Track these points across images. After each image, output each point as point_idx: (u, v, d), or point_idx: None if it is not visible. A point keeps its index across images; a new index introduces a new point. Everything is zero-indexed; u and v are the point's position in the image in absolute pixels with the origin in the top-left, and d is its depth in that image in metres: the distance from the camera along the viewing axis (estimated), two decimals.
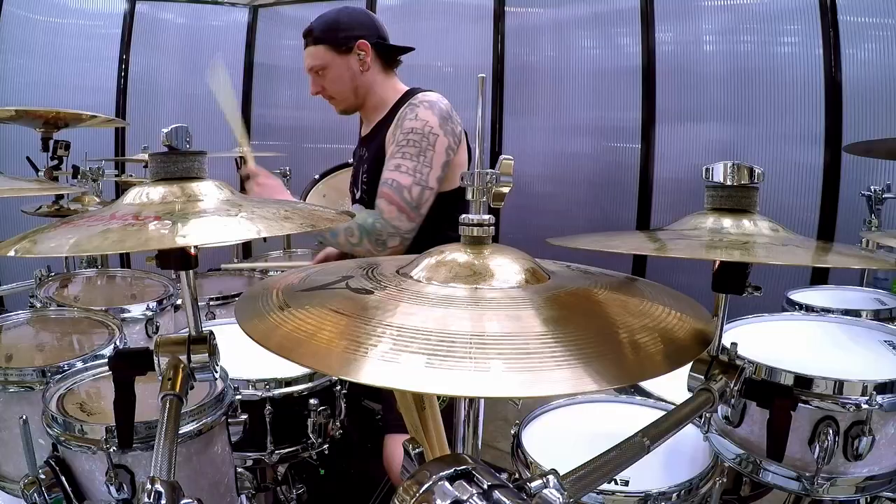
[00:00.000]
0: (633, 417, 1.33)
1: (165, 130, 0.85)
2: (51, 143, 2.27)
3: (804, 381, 1.05)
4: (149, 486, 0.65)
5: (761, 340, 1.29)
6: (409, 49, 1.90)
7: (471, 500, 0.51)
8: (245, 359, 1.40)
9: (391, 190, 1.63)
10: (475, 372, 0.51)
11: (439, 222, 1.65)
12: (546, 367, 0.52)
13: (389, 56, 1.88)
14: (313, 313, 0.62)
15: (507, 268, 0.69)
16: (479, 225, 0.71)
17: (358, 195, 1.93)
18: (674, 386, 1.02)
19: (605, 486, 1.02)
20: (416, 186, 1.61)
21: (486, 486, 0.52)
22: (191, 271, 0.86)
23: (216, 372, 0.89)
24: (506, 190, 0.71)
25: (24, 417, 1.02)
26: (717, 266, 0.85)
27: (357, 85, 1.84)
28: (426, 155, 1.62)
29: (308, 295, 0.69)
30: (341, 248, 1.75)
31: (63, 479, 1.00)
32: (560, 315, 0.61)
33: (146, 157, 1.42)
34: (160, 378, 0.83)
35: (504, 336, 0.56)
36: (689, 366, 0.93)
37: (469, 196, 0.71)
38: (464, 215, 0.72)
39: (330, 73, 1.83)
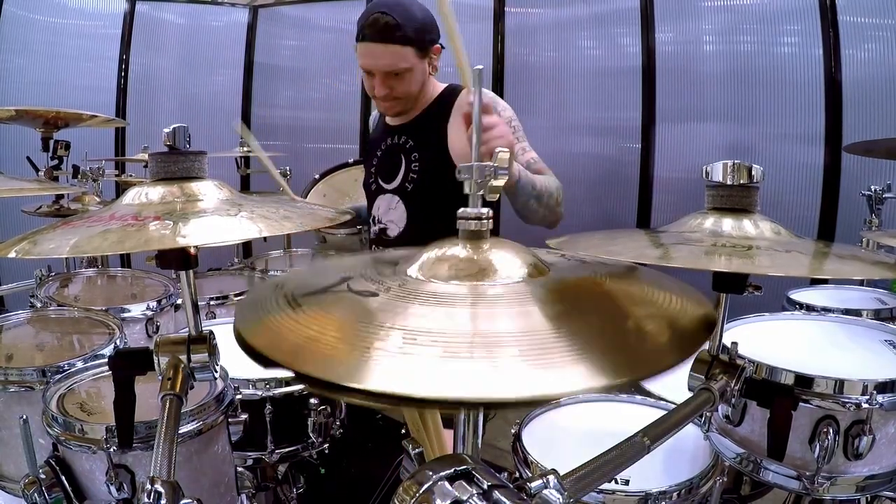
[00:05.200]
0: (633, 417, 1.33)
1: (167, 130, 0.85)
2: (51, 143, 2.27)
3: (804, 381, 1.05)
4: (149, 485, 0.65)
5: (761, 340, 1.29)
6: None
7: (471, 500, 0.51)
8: (245, 358, 1.40)
9: (542, 164, 1.79)
10: (488, 376, 0.50)
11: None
12: (557, 365, 0.51)
13: None
14: (316, 318, 0.61)
15: (507, 262, 0.68)
16: (478, 218, 0.70)
17: (397, 183, 1.87)
18: (674, 385, 1.02)
19: (605, 486, 1.02)
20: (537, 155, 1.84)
21: (486, 486, 0.52)
22: (191, 271, 0.86)
23: (216, 371, 0.89)
24: (501, 183, 0.71)
25: (25, 417, 1.02)
26: None
27: (422, 88, 1.81)
28: (524, 135, 1.84)
29: (310, 299, 0.68)
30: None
31: (63, 478, 1.00)
32: (564, 310, 0.61)
33: (146, 157, 1.43)
34: (160, 378, 0.83)
35: (512, 334, 0.55)
36: (689, 365, 0.93)
37: (466, 189, 0.71)
38: (462, 209, 0.71)
39: (410, 77, 1.74)
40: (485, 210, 0.70)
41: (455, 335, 0.54)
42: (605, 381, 0.50)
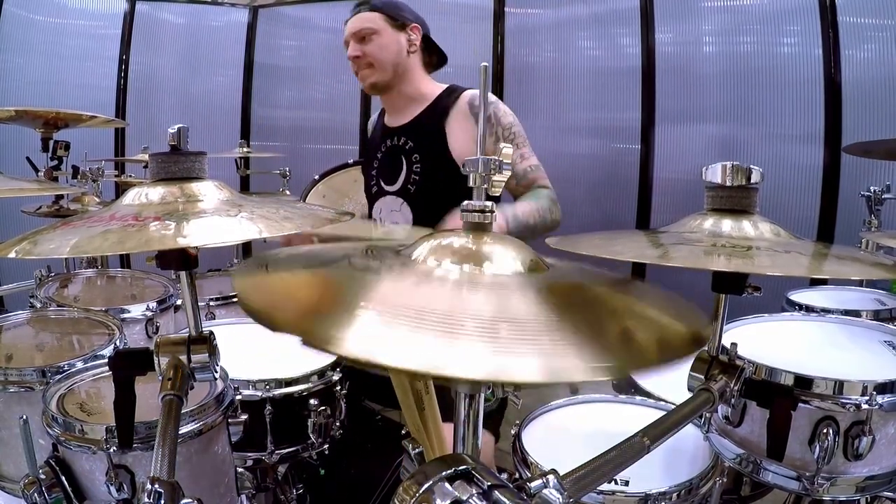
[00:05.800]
0: (633, 417, 1.33)
1: (172, 130, 0.85)
2: (51, 143, 2.27)
3: (804, 382, 1.05)
4: (149, 486, 0.65)
5: (761, 340, 1.29)
6: (445, 59, 2.00)
7: (471, 500, 0.51)
8: (245, 359, 1.40)
9: (539, 171, 1.87)
10: (463, 353, 0.50)
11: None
12: (534, 353, 0.51)
13: (430, 56, 1.98)
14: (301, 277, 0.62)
15: (504, 255, 0.68)
16: (482, 211, 0.70)
17: (399, 185, 1.90)
18: (674, 386, 1.03)
19: (605, 486, 1.02)
20: (538, 161, 1.89)
21: (486, 486, 0.52)
22: (191, 272, 0.86)
23: (216, 372, 0.89)
24: (503, 178, 0.71)
25: (24, 417, 1.02)
26: None
27: (398, 62, 1.88)
28: (526, 139, 1.89)
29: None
30: (540, 229, 1.76)
31: (63, 479, 0.99)
32: (553, 303, 0.61)
33: (146, 157, 1.43)
34: (160, 378, 0.83)
35: (495, 319, 0.55)
36: (689, 366, 0.93)
37: (471, 182, 0.71)
38: (466, 202, 0.71)
39: (378, 40, 1.85)
40: (488, 203, 0.70)
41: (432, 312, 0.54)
42: (560, 377, 0.49)
